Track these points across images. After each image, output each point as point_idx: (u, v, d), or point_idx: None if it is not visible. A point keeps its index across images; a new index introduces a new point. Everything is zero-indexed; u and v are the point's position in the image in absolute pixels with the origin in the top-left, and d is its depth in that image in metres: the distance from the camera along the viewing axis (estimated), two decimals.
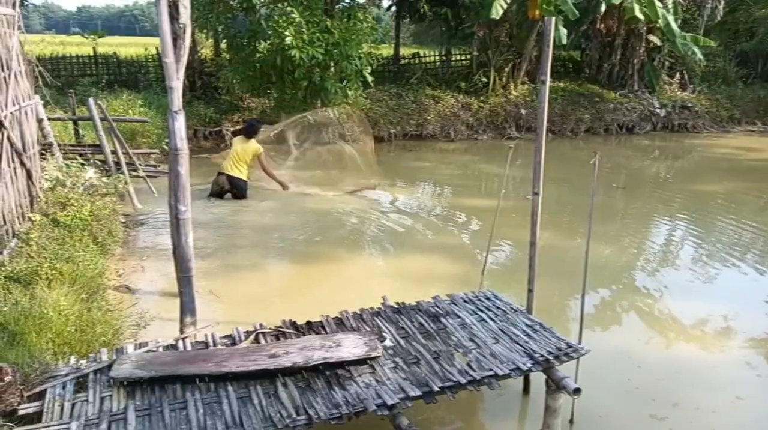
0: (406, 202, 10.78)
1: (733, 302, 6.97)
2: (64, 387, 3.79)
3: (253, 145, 10.47)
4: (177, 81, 4.61)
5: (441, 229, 9.42)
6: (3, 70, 6.72)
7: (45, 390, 3.77)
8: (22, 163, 7.01)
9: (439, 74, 21.12)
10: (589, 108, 19.73)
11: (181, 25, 4.66)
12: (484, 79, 19.13)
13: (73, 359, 4.12)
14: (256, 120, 11.85)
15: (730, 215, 10.86)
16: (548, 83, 4.37)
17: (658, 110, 20.48)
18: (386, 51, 22.42)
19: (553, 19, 4.42)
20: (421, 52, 22.00)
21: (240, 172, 10.30)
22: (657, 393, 5.01)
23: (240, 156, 10.30)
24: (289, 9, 14.03)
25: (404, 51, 23.16)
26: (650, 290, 7.33)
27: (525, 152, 12.64)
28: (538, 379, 4.57)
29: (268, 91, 16.14)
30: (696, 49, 19.15)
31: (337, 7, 15.92)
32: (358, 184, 11.64)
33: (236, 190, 10.37)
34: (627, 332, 6.34)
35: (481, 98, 18.94)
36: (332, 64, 14.38)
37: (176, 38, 4.60)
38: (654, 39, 20.49)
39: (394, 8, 21.69)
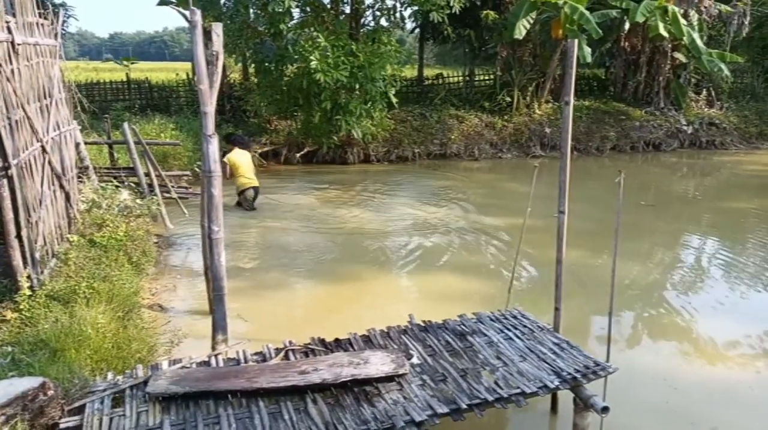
0: (431, 222, 10.84)
1: (765, 322, 6.84)
2: (102, 402, 3.92)
3: (247, 153, 11.75)
4: (210, 106, 4.79)
5: (467, 248, 9.45)
6: (45, 98, 7.03)
7: (84, 405, 3.90)
8: (62, 186, 7.28)
9: (463, 94, 21.28)
10: (614, 126, 19.63)
11: (214, 53, 4.86)
12: (508, 99, 19.22)
13: (110, 375, 4.25)
14: (239, 134, 12.99)
15: (762, 233, 10.67)
16: (572, 103, 4.42)
17: (684, 127, 20.27)
18: (410, 72, 22.69)
19: (576, 40, 4.48)
20: (445, 73, 22.22)
21: (254, 181, 11.57)
22: (695, 417, 4.92)
23: (252, 167, 11.71)
24: (315, 34, 14.36)
25: (428, 72, 23.42)
26: (681, 308, 7.24)
27: (550, 170, 12.63)
28: (566, 398, 4.57)
29: (295, 114, 16.46)
30: (723, 66, 19.00)
31: (361, 31, 16.22)
32: None
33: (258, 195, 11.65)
34: (659, 351, 6.26)
35: (505, 117, 19.01)
36: (357, 86, 14.63)
37: (209, 64, 4.80)
38: (679, 56, 20.37)
39: (417, 30, 21.98)
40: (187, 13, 4.77)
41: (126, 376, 4.24)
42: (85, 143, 10.29)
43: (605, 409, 4.02)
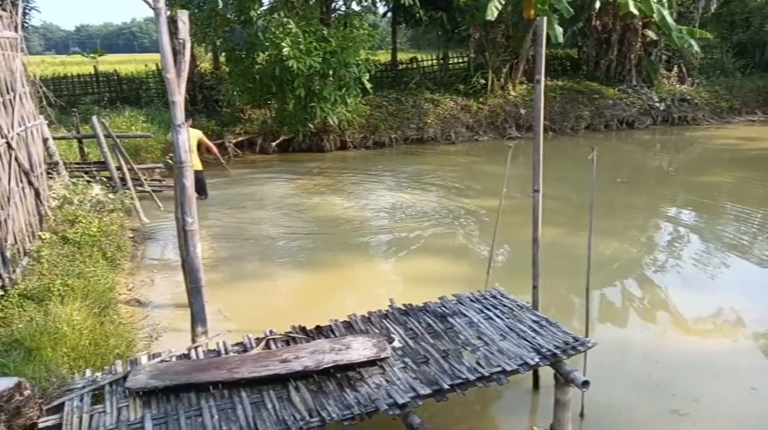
0: (410, 206, 10.86)
1: (741, 292, 7.01)
2: (81, 399, 3.87)
3: (193, 131, 10.18)
4: (179, 95, 4.70)
5: (446, 230, 9.50)
6: (8, 93, 6.84)
7: (63, 403, 3.85)
8: (30, 183, 7.12)
9: (438, 77, 21.25)
10: (588, 105, 19.80)
11: (181, 41, 4.75)
12: (483, 81, 19.24)
13: (88, 372, 4.20)
14: None
15: (735, 205, 10.89)
16: (543, 82, 4.43)
17: (657, 104, 20.53)
18: (384, 57, 22.58)
19: (545, 18, 4.48)
20: (419, 57, 22.16)
21: (194, 164, 10.35)
22: (676, 388, 5.02)
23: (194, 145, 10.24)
24: (285, 20, 14.19)
25: (402, 56, 23.33)
26: (660, 282, 7.37)
27: (526, 151, 12.69)
28: (547, 374, 4.63)
29: (269, 102, 16.30)
30: (692, 42, 19.22)
31: (333, 15, 16.06)
32: None
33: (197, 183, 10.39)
34: (640, 326, 6.38)
35: (480, 100, 19.04)
36: (330, 72, 14.52)
37: (176, 53, 4.70)
38: (650, 33, 20.57)
39: (390, 14, 21.83)
40: (150, 0, 4.66)
41: (105, 372, 4.19)
42: (54, 139, 10.06)
43: (585, 383, 4.08)
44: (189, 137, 10.36)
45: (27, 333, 4.58)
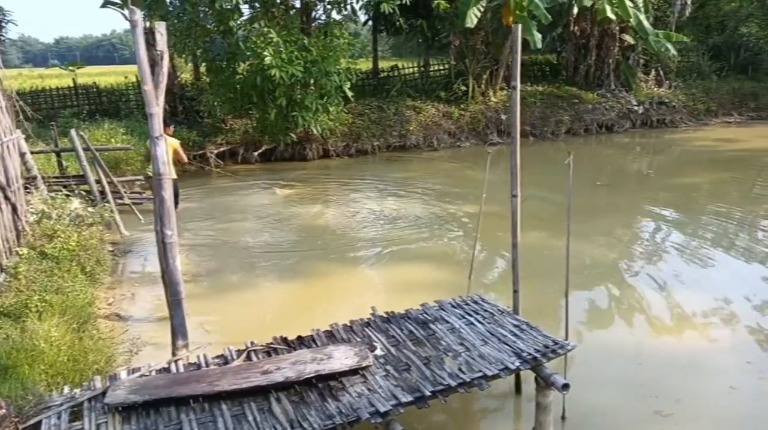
0: (392, 213, 10.88)
1: (721, 292, 7.10)
2: (59, 417, 3.82)
3: (170, 140, 9.84)
4: (157, 107, 4.68)
5: (429, 237, 9.53)
6: None
7: (40, 421, 3.79)
8: (7, 198, 7.03)
9: (419, 85, 21.35)
10: (568, 110, 20.01)
11: (159, 52, 4.75)
12: (463, 88, 19.37)
13: (66, 389, 4.14)
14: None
15: (714, 206, 11.06)
16: (520, 88, 4.48)
17: (635, 108, 20.81)
18: (365, 65, 22.64)
19: (520, 25, 4.55)
20: (400, 65, 22.24)
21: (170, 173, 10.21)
22: (659, 390, 5.05)
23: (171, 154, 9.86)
24: (266, 29, 14.19)
25: (383, 64, 23.41)
26: (641, 284, 7.45)
27: (508, 156, 12.78)
28: (529, 378, 4.65)
29: (250, 112, 16.26)
30: (669, 45, 19.54)
31: (313, 25, 16.10)
32: None
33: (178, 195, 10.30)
34: (622, 328, 6.44)
35: (462, 106, 19.16)
36: (312, 81, 14.54)
37: (154, 65, 4.69)
38: (627, 38, 20.87)
39: (370, 23, 21.92)
40: (127, 12, 4.65)
41: (83, 388, 4.14)
42: (32, 153, 9.95)
43: (566, 386, 4.11)
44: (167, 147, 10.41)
45: (3, 351, 4.52)
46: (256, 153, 16.24)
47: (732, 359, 5.60)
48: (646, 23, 19.29)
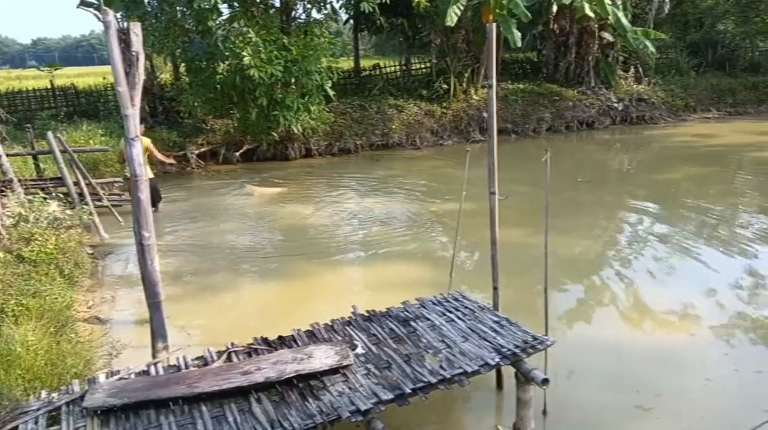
0: (374, 212, 10.90)
1: (700, 285, 7.21)
2: (36, 422, 3.78)
3: (143, 139, 9.95)
4: (131, 108, 4.65)
5: (410, 235, 9.56)
6: None
7: (17, 427, 3.75)
8: None
9: (401, 83, 21.39)
10: (549, 107, 20.16)
11: (134, 53, 4.71)
12: (445, 86, 19.43)
13: (44, 393, 4.10)
14: None
15: (694, 202, 11.21)
16: (495, 86, 4.52)
17: (615, 104, 21.02)
18: (347, 64, 22.62)
19: (495, 24, 4.58)
20: (382, 63, 22.26)
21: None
22: (640, 384, 5.10)
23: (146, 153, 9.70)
24: (245, 29, 14.12)
25: (365, 62, 23.41)
26: (622, 279, 7.54)
27: None
28: (511, 374, 4.69)
29: (231, 112, 16.18)
30: (648, 43, 19.76)
31: (293, 24, 16.05)
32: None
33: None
34: (603, 323, 6.51)
35: (444, 104, 19.24)
36: (292, 80, 14.51)
37: (130, 66, 4.66)
38: (607, 35, 21.07)
39: (351, 22, 21.90)
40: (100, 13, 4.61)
41: (61, 392, 4.10)
42: (7, 155, 9.82)
43: (545, 381, 4.15)
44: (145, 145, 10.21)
45: None
46: (237, 153, 16.16)
47: (711, 352, 5.69)
48: (624, 20, 19.49)
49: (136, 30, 4.76)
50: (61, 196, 9.88)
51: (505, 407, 4.91)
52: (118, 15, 14.42)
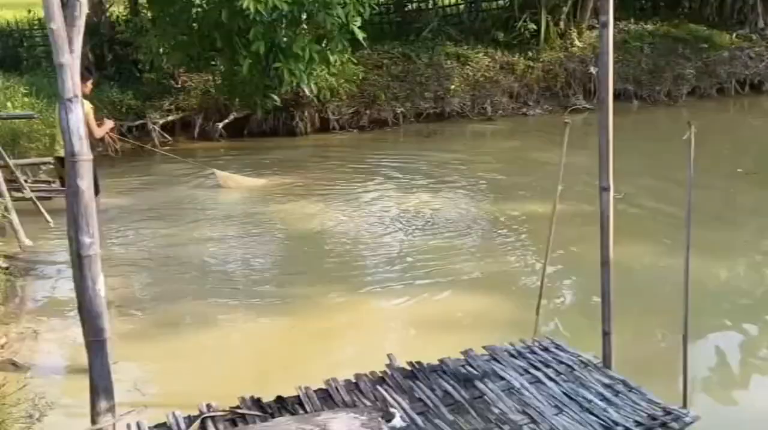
0: (422, 215, 10.90)
1: None
2: None
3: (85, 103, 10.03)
4: (70, 55, 4.74)
5: (475, 251, 9.55)
6: None
7: None
8: None
9: (465, 22, 21.34)
10: (692, 59, 19.84)
11: None
12: (533, 26, 19.29)
13: None
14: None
15: None
16: (611, 27, 4.48)
17: None
18: None
19: None
20: None
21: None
22: None
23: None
24: None
25: None
26: None
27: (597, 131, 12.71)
28: None
29: (212, 63, 16.39)
30: None
31: None
32: None
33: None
34: None
35: (530, 54, 19.14)
36: (303, 16, 14.60)
37: None
38: None
39: None
40: None
41: None
42: None
43: None
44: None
45: None
46: (220, 125, 16.36)
47: None
48: None
49: None
50: None
51: None
52: None
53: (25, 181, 10.96)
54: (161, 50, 15.90)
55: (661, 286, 7.72)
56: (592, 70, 18.80)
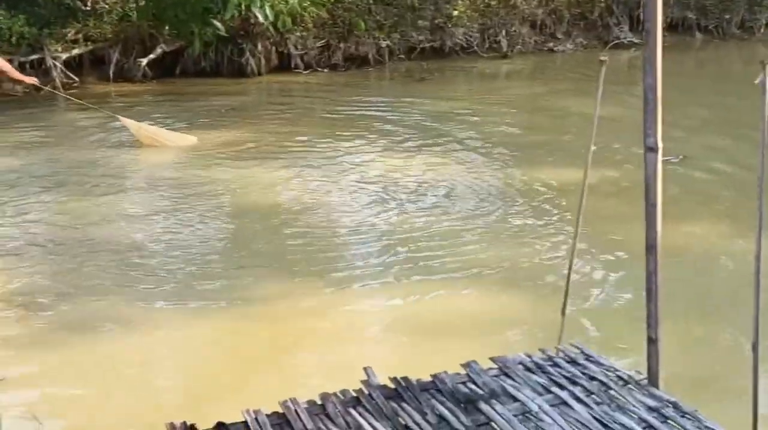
0: (418, 184, 10.91)
1: None
2: None
3: None
4: None
5: (482, 229, 9.59)
6: None
7: None
8: None
9: None
10: None
11: None
12: None
13: None
14: None
15: None
16: None
17: None
18: None
19: None
20: None
21: None
22: None
23: None
24: None
25: None
26: None
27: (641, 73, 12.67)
28: None
29: None
30: None
31: None
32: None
33: None
34: None
35: None
36: None
37: None
38: None
39: None
40: None
41: None
42: None
43: None
44: None
45: None
46: (144, 61, 16.31)
47: None
48: None
49: None
50: None
51: None
52: None
53: None
54: None
55: (726, 279, 7.78)
56: None
